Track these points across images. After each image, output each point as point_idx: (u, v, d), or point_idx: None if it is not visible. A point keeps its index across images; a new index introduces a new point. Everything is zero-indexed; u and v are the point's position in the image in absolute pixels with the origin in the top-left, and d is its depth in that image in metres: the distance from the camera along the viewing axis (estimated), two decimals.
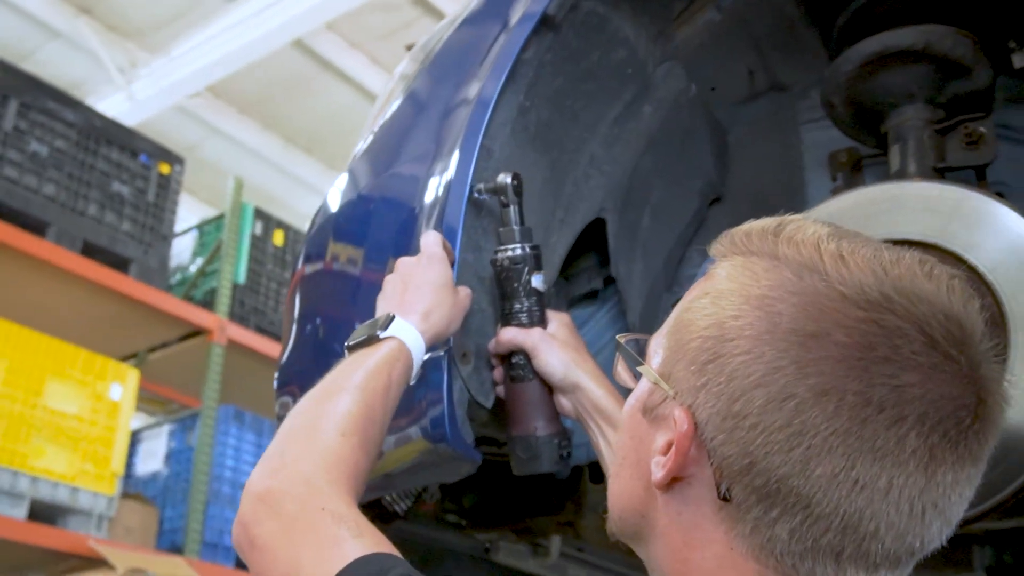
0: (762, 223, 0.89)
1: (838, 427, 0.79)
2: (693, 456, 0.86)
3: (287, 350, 1.79)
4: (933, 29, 1.52)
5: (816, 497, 0.80)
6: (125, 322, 5.32)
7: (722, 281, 0.88)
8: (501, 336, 1.49)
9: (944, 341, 0.80)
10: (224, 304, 5.55)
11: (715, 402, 0.84)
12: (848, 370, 0.79)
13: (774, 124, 1.83)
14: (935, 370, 0.79)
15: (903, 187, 1.39)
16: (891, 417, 0.79)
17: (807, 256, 0.83)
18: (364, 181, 1.74)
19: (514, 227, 1.48)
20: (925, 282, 0.81)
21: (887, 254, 0.83)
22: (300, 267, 1.84)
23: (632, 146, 1.74)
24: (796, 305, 0.82)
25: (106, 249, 5.11)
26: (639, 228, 1.77)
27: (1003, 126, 1.65)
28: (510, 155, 1.57)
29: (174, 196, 5.50)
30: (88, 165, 5.12)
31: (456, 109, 1.57)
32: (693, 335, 0.87)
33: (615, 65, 1.69)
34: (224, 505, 5.37)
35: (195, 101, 7.82)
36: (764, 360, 0.81)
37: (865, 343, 0.79)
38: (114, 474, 4.82)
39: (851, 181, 1.71)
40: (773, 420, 0.80)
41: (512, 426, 1.49)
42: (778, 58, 1.79)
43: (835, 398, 0.79)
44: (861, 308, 0.80)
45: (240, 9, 6.96)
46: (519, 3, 1.58)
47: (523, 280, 1.48)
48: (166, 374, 5.86)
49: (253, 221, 5.90)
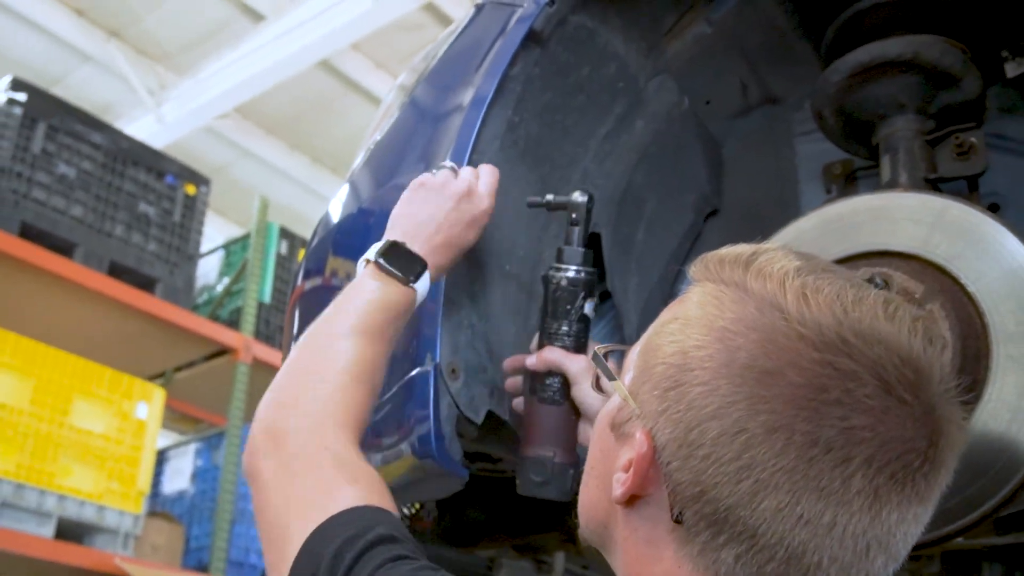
0: (737, 250, 0.90)
1: (785, 464, 0.81)
2: (651, 477, 0.88)
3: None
4: (922, 39, 1.51)
5: (761, 528, 0.82)
6: (151, 341, 5.38)
7: (692, 307, 0.90)
8: (546, 354, 1.45)
9: (898, 385, 0.81)
10: (249, 323, 5.59)
11: (673, 429, 0.86)
12: (799, 410, 0.81)
13: (768, 137, 1.82)
14: (887, 413, 0.80)
15: (886, 198, 1.38)
16: (838, 458, 0.80)
17: (771, 292, 0.85)
18: (361, 194, 1.75)
19: (578, 248, 1.46)
20: (886, 324, 0.82)
21: (851, 293, 0.83)
22: (300, 282, 1.86)
23: (625, 161, 1.74)
24: (755, 341, 0.83)
25: (133, 269, 5.17)
26: (634, 242, 1.76)
27: (998, 136, 1.63)
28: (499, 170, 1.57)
29: (200, 216, 5.56)
30: (115, 187, 5.18)
31: (448, 119, 1.58)
32: (659, 360, 0.89)
33: (606, 79, 1.69)
34: (250, 524, 5.39)
35: (223, 122, 7.92)
36: (720, 393, 0.83)
37: (818, 384, 0.81)
38: (140, 493, 4.86)
39: (845, 193, 1.70)
40: (724, 452, 0.82)
41: (528, 445, 1.46)
42: (770, 70, 1.79)
43: (784, 436, 0.81)
44: (817, 349, 0.81)
45: (267, 31, 7.05)
46: (513, 16, 1.59)
47: (576, 304, 1.46)
48: (192, 393, 5.91)
49: (278, 240, 5.94)
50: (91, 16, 7.25)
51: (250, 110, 7.94)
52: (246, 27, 7.19)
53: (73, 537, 4.58)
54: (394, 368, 1.50)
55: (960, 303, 1.26)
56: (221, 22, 7.22)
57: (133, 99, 7.51)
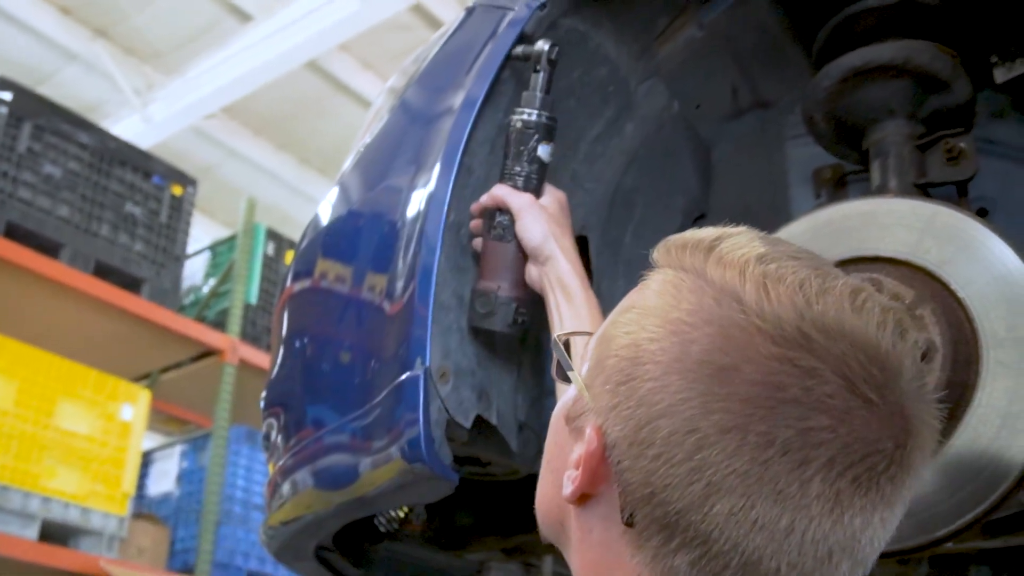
0: (701, 234, 0.85)
1: (738, 467, 0.76)
2: (601, 475, 0.83)
3: (275, 369, 1.80)
4: (912, 44, 1.51)
5: (714, 534, 0.77)
6: (137, 343, 5.36)
7: (650, 296, 0.85)
8: (493, 190, 1.51)
9: (863, 383, 0.76)
10: (236, 324, 5.58)
11: (623, 426, 0.81)
12: (754, 409, 0.76)
13: (759, 141, 1.81)
14: (849, 414, 0.76)
15: (876, 203, 1.37)
16: (795, 460, 0.76)
17: (730, 281, 0.79)
18: (351, 197, 1.75)
19: (537, 93, 1.50)
20: (852, 316, 0.77)
21: (816, 283, 0.78)
22: (288, 285, 1.85)
23: (614, 164, 1.74)
24: (710, 335, 0.78)
25: (119, 270, 5.15)
26: (622, 246, 1.76)
27: (987, 140, 1.64)
28: (489, 173, 1.57)
29: (187, 217, 5.54)
30: (101, 187, 5.16)
31: (439, 122, 1.57)
32: (612, 352, 0.85)
33: (597, 82, 1.68)
34: (236, 525, 5.38)
35: (210, 122, 7.89)
36: (671, 390, 0.78)
37: (775, 382, 0.76)
38: (125, 495, 4.84)
39: (835, 197, 1.69)
40: (675, 453, 0.78)
41: (478, 280, 1.52)
42: (761, 74, 1.78)
43: (738, 437, 0.76)
44: (776, 344, 0.76)
45: (255, 31, 7.04)
46: (504, 19, 1.58)
47: (530, 145, 1.50)
48: (178, 394, 5.89)
49: (265, 241, 5.93)
50: (78, 15, 7.22)
51: (237, 110, 7.92)
52: (234, 27, 7.17)
53: (57, 539, 4.55)
54: (383, 371, 1.50)
55: (950, 308, 1.26)
56: (209, 22, 7.20)
57: (120, 99, 7.48)
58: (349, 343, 1.60)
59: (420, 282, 1.47)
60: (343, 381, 1.59)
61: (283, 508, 1.74)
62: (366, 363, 1.54)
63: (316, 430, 1.63)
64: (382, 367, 1.50)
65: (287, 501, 1.72)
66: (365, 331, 1.56)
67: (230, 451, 5.47)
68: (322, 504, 1.64)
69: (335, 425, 1.57)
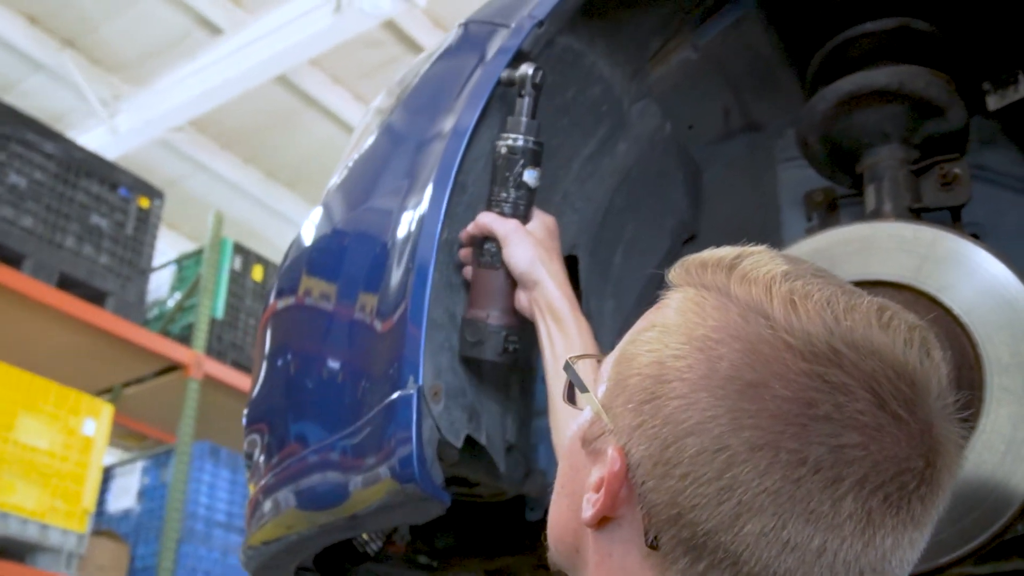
0: (720, 253, 0.84)
1: (769, 485, 0.74)
2: (624, 497, 0.81)
3: (258, 386, 1.76)
4: (908, 70, 1.52)
5: (744, 555, 0.76)
6: (100, 356, 5.28)
7: (671, 314, 0.83)
8: (480, 218, 1.49)
9: (893, 400, 0.75)
10: (201, 339, 5.52)
11: (648, 445, 0.79)
12: (785, 426, 0.74)
13: (750, 163, 1.82)
14: (880, 431, 0.74)
15: (876, 227, 1.38)
16: (827, 478, 0.74)
17: (756, 297, 0.78)
18: (338, 216, 1.72)
19: (522, 118, 1.49)
20: (880, 333, 0.76)
21: (843, 300, 0.78)
22: (272, 302, 1.82)
23: (606, 183, 1.73)
24: (738, 351, 0.77)
25: (83, 282, 5.07)
26: (611, 265, 1.75)
27: (978, 167, 1.65)
28: (483, 190, 1.55)
29: (153, 230, 5.48)
30: (67, 198, 5.09)
31: (431, 143, 1.55)
32: (633, 371, 0.83)
33: (591, 102, 1.67)
34: (198, 543, 5.30)
35: (177, 135, 7.82)
36: (699, 407, 0.77)
37: (806, 399, 0.74)
38: (85, 511, 4.76)
39: (826, 221, 1.70)
40: (703, 472, 0.76)
41: (468, 308, 1.50)
42: (753, 97, 1.79)
43: (769, 454, 0.74)
44: (806, 360, 0.75)
45: (225, 44, 6.98)
46: (496, 39, 1.57)
47: (515, 171, 1.48)
48: (141, 409, 5.81)
49: (232, 256, 5.88)
50: (45, 24, 7.13)
51: (205, 123, 7.84)
52: (203, 40, 7.11)
53: (15, 556, 4.47)
54: (374, 389, 1.47)
55: (953, 334, 1.25)
56: (178, 34, 7.13)
57: (86, 109, 7.38)
58: (339, 360, 1.57)
59: (413, 299, 1.44)
60: (331, 399, 1.56)
61: (264, 527, 1.70)
62: (356, 381, 1.52)
63: (301, 449, 1.60)
64: (373, 385, 1.48)
65: (269, 520, 1.68)
66: (356, 348, 1.53)
67: (193, 467, 5.40)
68: (306, 524, 1.60)
69: (322, 444, 1.54)
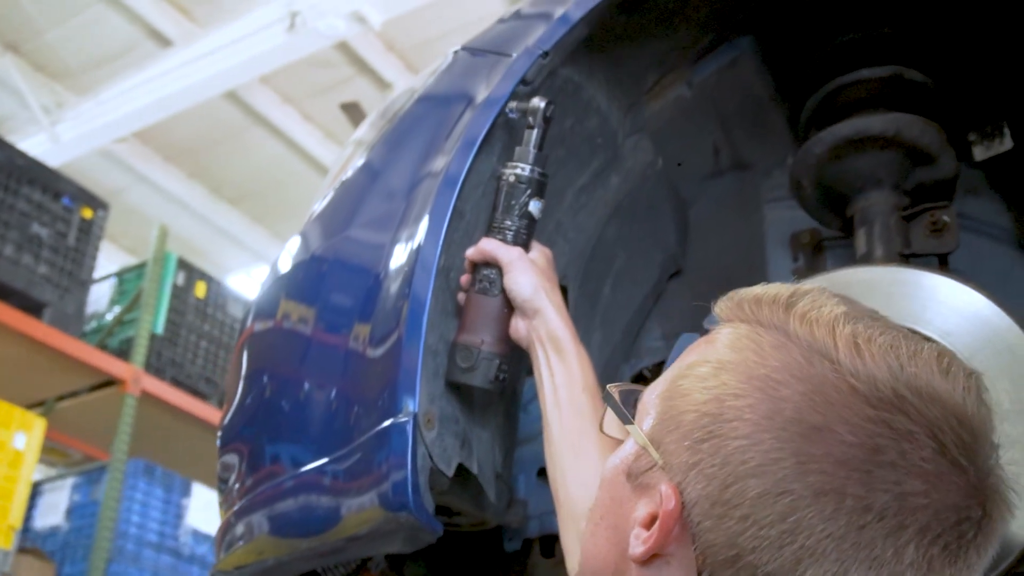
0: (774, 290, 0.84)
1: (834, 531, 0.75)
2: (676, 535, 0.81)
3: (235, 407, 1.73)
4: (903, 117, 1.54)
5: None
6: (35, 368, 5.15)
7: (725, 351, 0.83)
8: (482, 244, 1.48)
9: (954, 448, 0.75)
10: (140, 354, 5.41)
11: (706, 484, 0.79)
12: (851, 472, 0.75)
13: (737, 201, 1.83)
14: (941, 479, 0.75)
15: (877, 272, 1.39)
16: (891, 526, 0.75)
17: (820, 339, 0.78)
18: (329, 240, 1.69)
19: (531, 148, 1.49)
20: (941, 380, 0.76)
21: (905, 345, 0.78)
22: (250, 323, 1.79)
23: (597, 215, 1.73)
24: (802, 393, 0.77)
25: (21, 292, 4.95)
26: (600, 297, 1.75)
27: (961, 215, 1.68)
28: (479, 217, 1.54)
29: (96, 241, 5.38)
30: (7, 205, 4.97)
31: (430, 168, 1.54)
32: (689, 407, 0.82)
33: (587, 134, 1.68)
34: (128, 563, 5.16)
35: (120, 146, 7.71)
36: (762, 448, 0.77)
37: (872, 445, 0.75)
38: (12, 527, 4.63)
39: (812, 262, 1.72)
40: (766, 514, 0.76)
41: (460, 333, 1.49)
42: (743, 136, 1.81)
43: (834, 500, 0.75)
44: (872, 406, 0.75)
45: (174, 57, 6.90)
46: (498, 67, 1.56)
47: (521, 200, 1.48)
48: (73, 424, 5.67)
49: (176, 271, 5.77)
50: None
51: (149, 135, 7.73)
52: (152, 51, 7.02)
53: None
54: (365, 415, 1.45)
55: None
56: (126, 44, 7.04)
57: (27, 115, 7.24)
58: (329, 385, 1.54)
59: (409, 325, 1.43)
60: (319, 424, 1.53)
61: (237, 552, 1.67)
62: (347, 406, 1.49)
63: (284, 473, 1.56)
64: (365, 411, 1.45)
65: (243, 544, 1.65)
66: (348, 372, 1.51)
67: (126, 485, 5.26)
68: (286, 549, 1.57)
69: (309, 469, 1.51)
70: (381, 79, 7.27)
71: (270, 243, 8.91)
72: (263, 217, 8.69)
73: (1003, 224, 1.68)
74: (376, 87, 7.36)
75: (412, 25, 6.81)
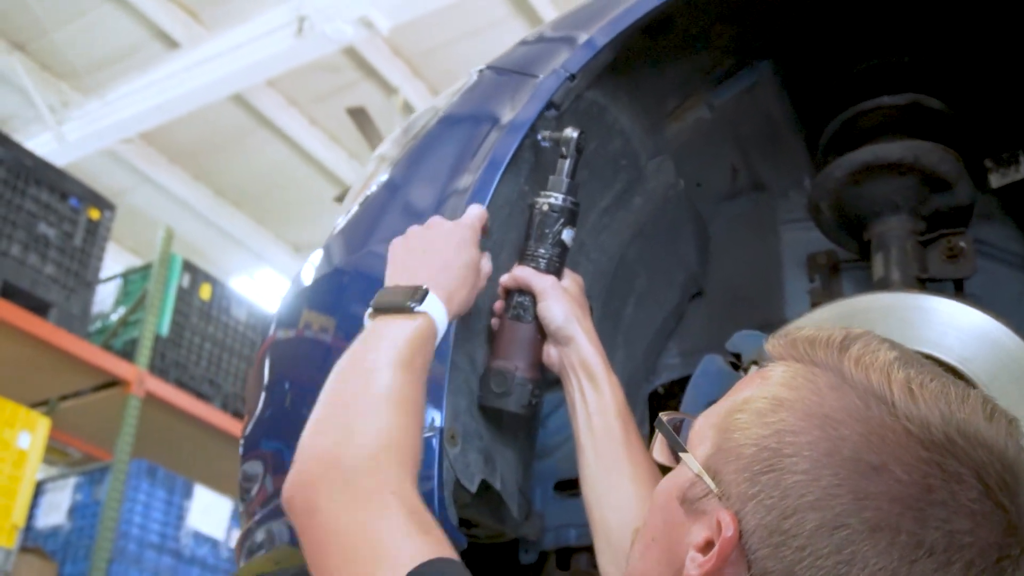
0: (827, 333, 0.90)
1: (887, 564, 0.80)
2: (733, 560, 0.86)
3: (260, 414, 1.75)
4: (922, 145, 1.57)
5: None
6: (40, 368, 5.17)
7: (781, 388, 0.88)
8: (516, 272, 1.51)
9: (997, 489, 0.81)
10: (145, 356, 5.43)
11: (765, 515, 0.84)
12: (905, 509, 0.80)
13: (754, 222, 1.86)
14: (986, 519, 0.81)
15: (897, 298, 1.42)
16: (940, 561, 0.80)
17: (876, 383, 0.84)
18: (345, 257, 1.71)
19: (564, 178, 1.52)
20: (987, 425, 0.82)
21: (954, 391, 0.84)
22: (272, 331, 1.81)
23: (620, 235, 1.76)
24: (860, 433, 0.82)
25: (27, 292, 4.97)
26: (622, 316, 1.78)
27: (976, 241, 1.71)
28: (506, 237, 1.57)
29: (102, 242, 5.40)
30: (15, 204, 4.99)
31: (457, 186, 1.56)
32: (749, 440, 0.87)
33: (610, 155, 1.71)
34: (129, 564, 5.18)
35: (125, 147, 7.72)
36: (821, 484, 0.82)
37: (924, 484, 0.80)
38: (15, 526, 4.64)
39: (828, 283, 1.75)
40: (823, 545, 0.81)
41: (494, 358, 1.51)
42: (761, 159, 1.84)
43: (888, 535, 0.80)
44: (924, 448, 0.81)
45: (181, 59, 6.92)
46: (524, 88, 1.58)
47: (555, 229, 1.51)
48: (77, 424, 5.69)
49: (181, 273, 5.80)
50: None
51: (155, 136, 7.75)
52: (159, 53, 7.04)
53: None
54: None
55: None
56: (133, 45, 7.06)
57: (32, 115, 7.26)
58: None
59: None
60: None
61: (257, 560, 1.69)
62: None
63: None
64: None
65: (263, 553, 1.67)
66: None
67: (129, 486, 5.29)
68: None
69: None
70: (387, 84, 7.30)
71: (273, 245, 8.94)
72: (266, 220, 8.72)
73: (1018, 250, 1.72)
74: (382, 92, 7.39)
75: (419, 31, 6.84)
